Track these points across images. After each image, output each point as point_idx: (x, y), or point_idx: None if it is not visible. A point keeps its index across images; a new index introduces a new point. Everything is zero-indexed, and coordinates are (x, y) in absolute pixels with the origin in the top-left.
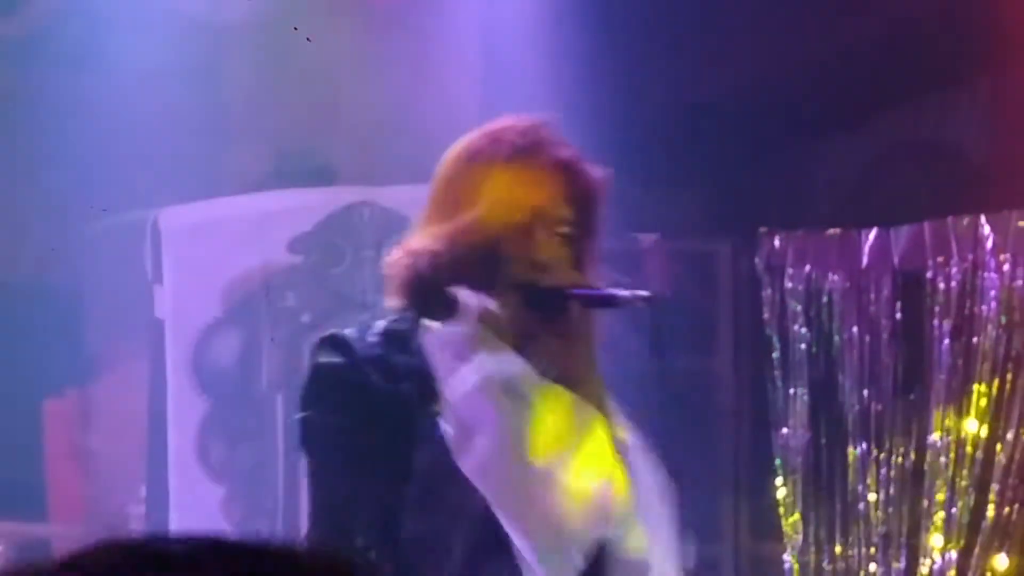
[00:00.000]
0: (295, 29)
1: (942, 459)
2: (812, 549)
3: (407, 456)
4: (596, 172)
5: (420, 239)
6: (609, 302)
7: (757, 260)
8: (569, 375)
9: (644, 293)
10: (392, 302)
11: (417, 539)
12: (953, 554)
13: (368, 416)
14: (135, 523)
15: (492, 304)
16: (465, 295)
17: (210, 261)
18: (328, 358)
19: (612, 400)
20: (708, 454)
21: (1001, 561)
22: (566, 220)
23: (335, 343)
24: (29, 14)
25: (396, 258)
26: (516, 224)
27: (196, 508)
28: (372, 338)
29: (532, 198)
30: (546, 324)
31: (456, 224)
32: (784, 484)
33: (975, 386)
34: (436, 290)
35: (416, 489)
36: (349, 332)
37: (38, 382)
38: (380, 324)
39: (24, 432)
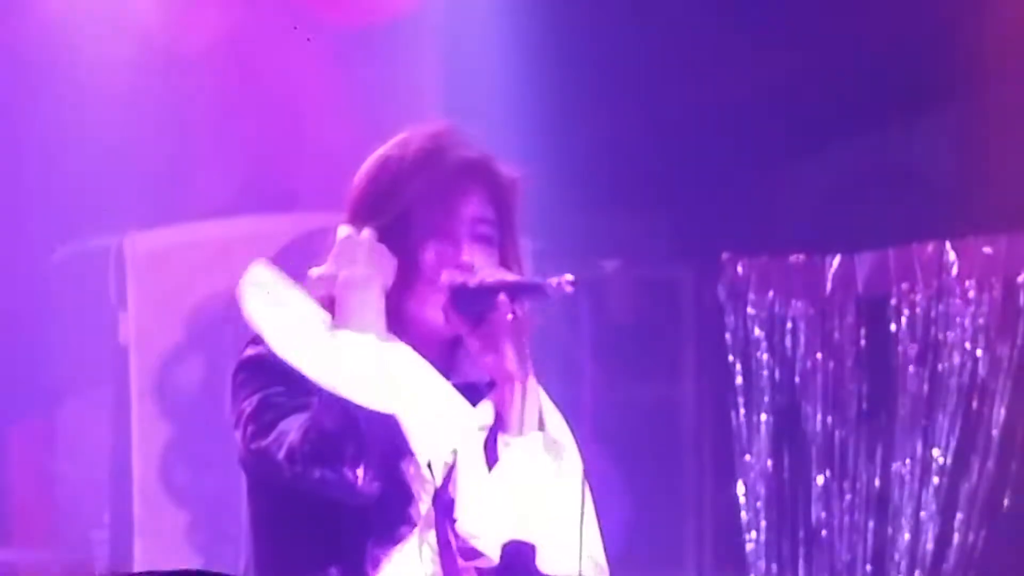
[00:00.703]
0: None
1: (906, 486)
2: None
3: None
4: (511, 170)
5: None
6: (536, 291)
7: (720, 286)
8: (501, 374)
9: (569, 277)
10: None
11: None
12: None
13: (286, 381)
14: (99, 548)
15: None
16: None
17: (174, 287)
18: (250, 351)
19: (548, 401)
20: (671, 481)
21: None
22: (486, 219)
23: (255, 341)
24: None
25: (319, 275)
26: (436, 227)
27: (161, 534)
28: None
29: (448, 200)
30: (475, 325)
31: (375, 226)
32: (747, 511)
33: (940, 413)
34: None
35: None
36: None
37: (3, 408)
38: None
39: None
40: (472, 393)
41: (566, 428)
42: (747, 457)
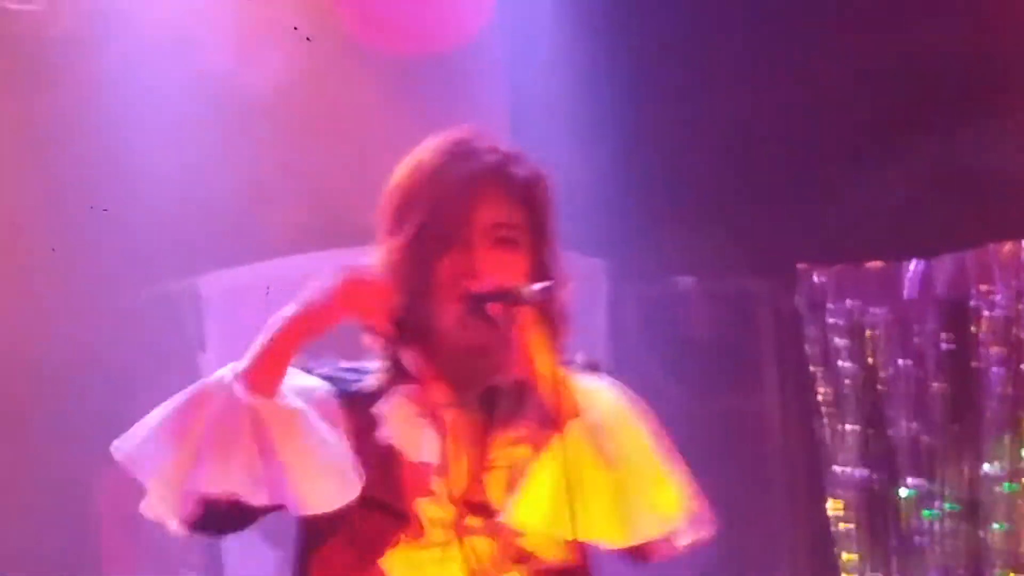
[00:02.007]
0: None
1: (997, 488)
2: None
3: None
4: (534, 170)
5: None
6: (512, 296)
7: (797, 297)
8: (526, 377)
9: (541, 285)
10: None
11: None
12: None
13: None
14: None
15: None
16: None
17: (252, 325)
18: None
19: (594, 385)
20: (760, 495)
21: None
22: (508, 224)
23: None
24: (65, 90)
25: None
26: (450, 237)
27: (251, 573)
28: (327, 369)
29: (463, 207)
30: (490, 330)
31: (398, 242)
32: (839, 521)
33: None
34: (395, 322)
35: None
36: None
37: (89, 453)
38: (348, 363)
39: (77, 503)
40: (504, 398)
41: (609, 404)
42: (835, 467)
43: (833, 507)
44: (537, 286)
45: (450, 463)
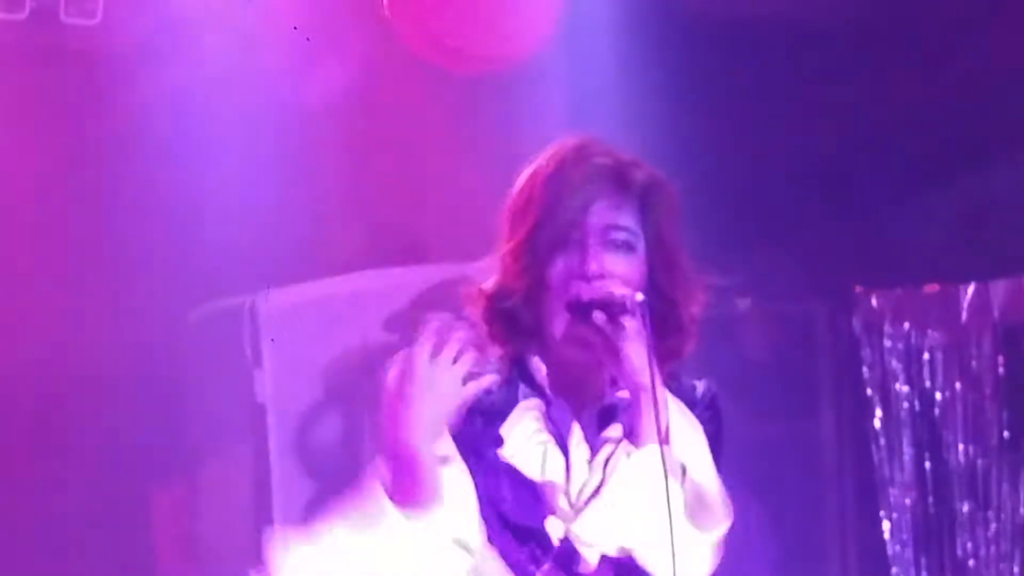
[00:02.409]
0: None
1: None
2: None
3: None
4: (655, 175)
5: (487, 277)
6: (616, 305)
7: (854, 320)
8: (624, 385)
9: (639, 297)
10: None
11: None
12: None
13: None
14: None
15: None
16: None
17: (308, 343)
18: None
19: (686, 419)
20: (815, 518)
21: None
22: (622, 227)
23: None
24: (122, 106)
25: (470, 302)
26: (563, 239)
27: None
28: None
29: (576, 209)
30: (594, 337)
31: (509, 246)
32: (893, 545)
33: None
34: (510, 328)
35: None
36: None
37: (144, 473)
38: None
39: (132, 523)
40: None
41: (695, 449)
42: (890, 490)
43: (888, 530)
44: (639, 296)
45: (573, 480)
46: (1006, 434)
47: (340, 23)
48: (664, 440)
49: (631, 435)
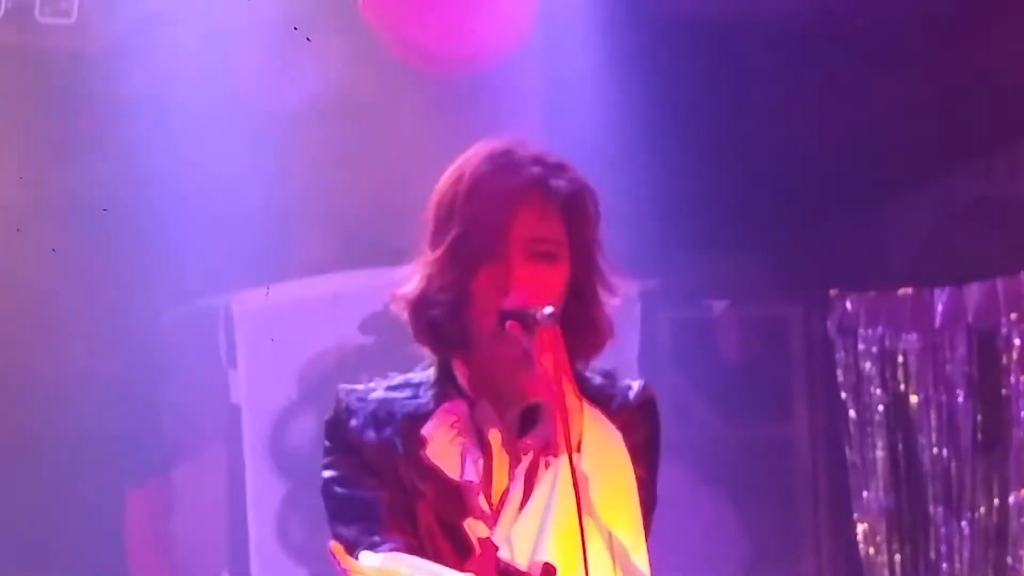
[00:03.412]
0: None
1: None
2: None
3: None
4: (580, 183)
5: (408, 281)
6: (526, 318)
7: (829, 323)
8: (541, 394)
9: (549, 309)
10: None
11: None
12: None
13: (356, 464)
14: None
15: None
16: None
17: (284, 344)
18: (328, 414)
19: (601, 428)
20: (788, 520)
21: None
22: (547, 238)
23: (335, 398)
24: (97, 106)
25: (394, 302)
26: (488, 250)
27: None
28: (379, 390)
29: (501, 220)
30: (515, 345)
31: (433, 256)
32: (868, 546)
33: None
34: (435, 334)
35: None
36: (355, 387)
37: (118, 472)
38: (404, 376)
39: (106, 522)
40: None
41: (608, 459)
42: (864, 493)
43: (862, 532)
44: (547, 310)
45: (494, 481)
46: (979, 436)
47: (317, 22)
48: (574, 451)
49: (547, 446)
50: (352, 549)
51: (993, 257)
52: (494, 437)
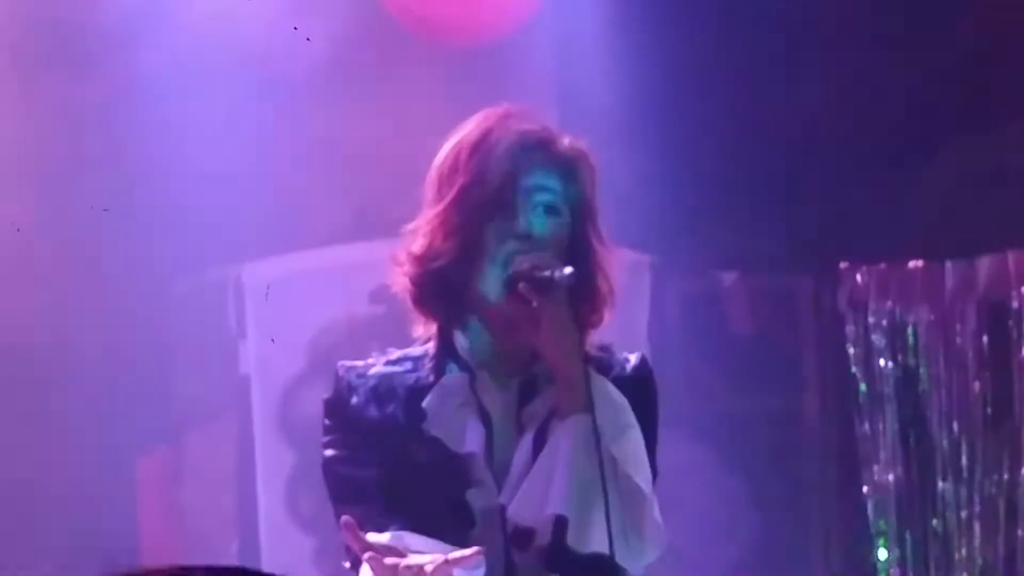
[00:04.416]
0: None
1: None
2: None
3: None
4: (579, 145)
5: (405, 247)
6: (544, 281)
7: (839, 295)
8: (545, 357)
9: (568, 269)
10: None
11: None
12: None
13: (357, 443)
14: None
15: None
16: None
17: (293, 314)
18: (328, 393)
19: (609, 390)
20: (798, 493)
21: None
22: (548, 188)
23: (335, 376)
24: (105, 79)
25: (397, 264)
26: (493, 200)
27: (288, 561)
28: (378, 366)
29: (505, 172)
30: (523, 306)
31: (437, 208)
32: (876, 521)
33: None
34: (438, 292)
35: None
36: (354, 363)
37: (128, 441)
38: (402, 351)
39: (116, 491)
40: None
41: (619, 422)
42: (874, 467)
43: (871, 507)
44: (567, 270)
45: (495, 452)
46: (990, 410)
47: None
48: (584, 411)
49: (555, 409)
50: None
51: (1004, 229)
52: (495, 408)
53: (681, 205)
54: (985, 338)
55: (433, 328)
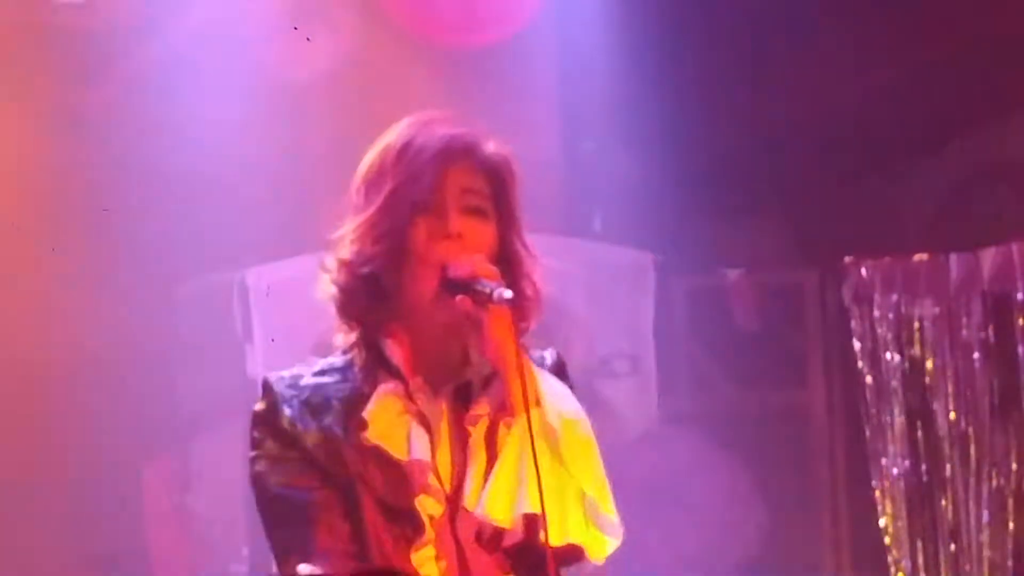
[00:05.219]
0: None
1: None
2: None
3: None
4: (504, 149)
5: (334, 253)
6: (480, 295)
7: (844, 290)
8: (492, 358)
9: (508, 294)
10: (339, 326)
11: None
12: None
13: (293, 458)
14: None
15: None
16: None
17: (298, 318)
18: (256, 405)
19: (552, 383)
20: (806, 487)
21: None
22: (475, 190)
23: (264, 387)
24: (110, 82)
25: (322, 283)
26: (422, 202)
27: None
28: (306, 376)
29: (433, 174)
30: (456, 309)
31: (366, 214)
32: (884, 513)
33: None
34: (368, 298)
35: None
36: (281, 374)
37: (135, 447)
38: (325, 360)
39: (124, 497)
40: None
41: (568, 410)
42: (882, 459)
43: (879, 499)
44: (506, 293)
45: (436, 457)
46: (996, 401)
47: None
48: (534, 405)
49: (503, 408)
50: (286, 554)
51: (1008, 221)
52: (434, 413)
53: (685, 203)
54: (990, 330)
55: (353, 337)
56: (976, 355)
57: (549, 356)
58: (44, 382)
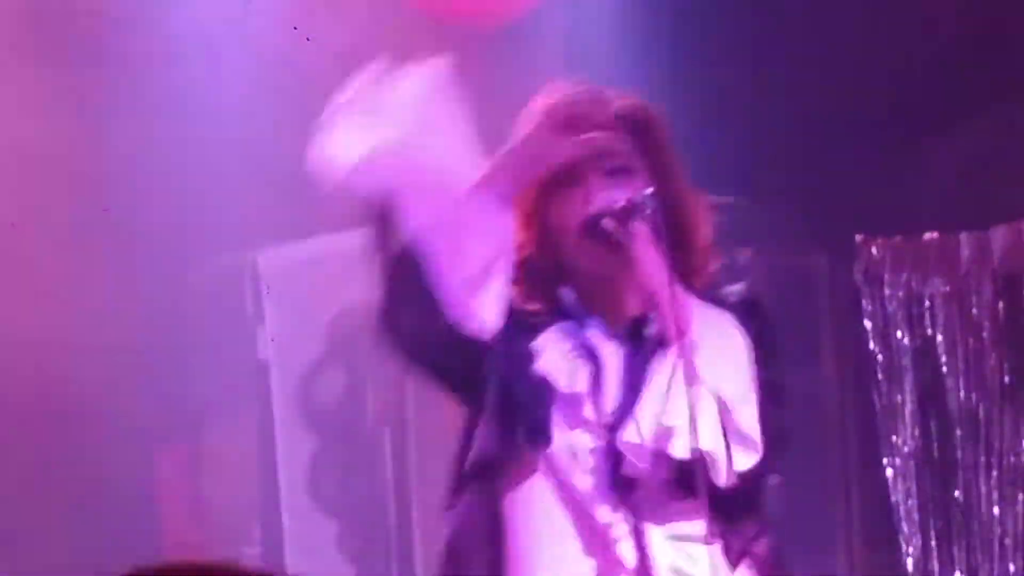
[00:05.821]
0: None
1: None
2: (929, 555)
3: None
4: (637, 100)
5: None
6: (616, 211)
7: (855, 269)
8: (645, 291)
9: (649, 189)
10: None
11: None
12: None
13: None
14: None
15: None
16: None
17: (310, 299)
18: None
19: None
20: (818, 466)
21: None
22: (614, 151)
23: None
24: (114, 66)
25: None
26: (565, 166)
27: (311, 546)
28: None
29: (569, 143)
30: (615, 252)
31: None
32: (895, 491)
33: None
34: (533, 270)
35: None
36: None
37: (148, 430)
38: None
39: (137, 483)
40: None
41: (729, 344)
42: (893, 438)
43: (891, 477)
44: (647, 190)
45: (606, 392)
46: (1007, 380)
47: None
48: (685, 340)
49: (661, 341)
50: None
51: (1019, 199)
52: (605, 350)
53: (695, 181)
54: (1001, 308)
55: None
56: (986, 334)
57: (736, 292)
58: (56, 370)
